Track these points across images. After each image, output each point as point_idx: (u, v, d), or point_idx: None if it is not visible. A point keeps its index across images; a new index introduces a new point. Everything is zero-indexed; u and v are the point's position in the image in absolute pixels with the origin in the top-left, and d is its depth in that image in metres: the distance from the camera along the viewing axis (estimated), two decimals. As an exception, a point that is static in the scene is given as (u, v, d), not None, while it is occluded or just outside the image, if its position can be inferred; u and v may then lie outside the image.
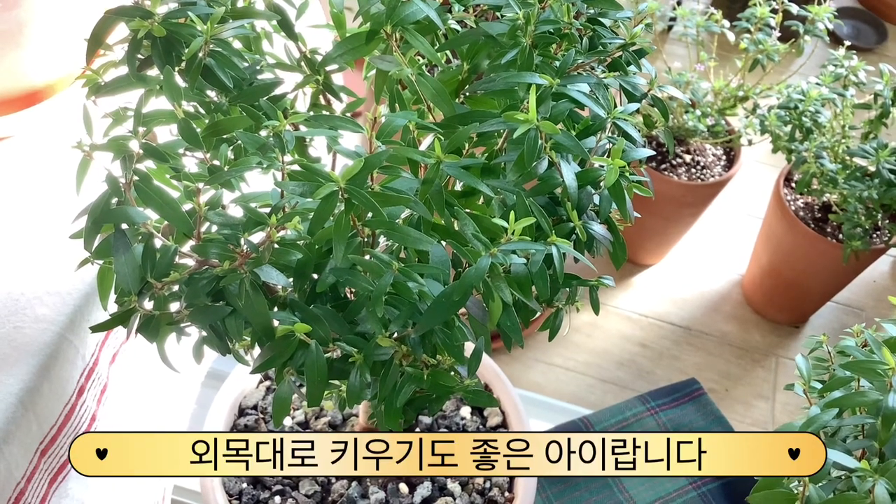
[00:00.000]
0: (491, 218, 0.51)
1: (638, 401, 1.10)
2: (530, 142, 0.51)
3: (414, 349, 0.50)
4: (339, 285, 0.52)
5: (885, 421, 0.50)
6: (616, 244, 0.58)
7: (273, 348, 0.50)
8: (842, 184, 1.39)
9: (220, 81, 0.53)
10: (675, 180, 1.50)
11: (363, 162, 0.47)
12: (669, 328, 1.61)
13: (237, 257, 0.48)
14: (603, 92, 0.55)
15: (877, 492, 0.48)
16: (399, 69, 0.58)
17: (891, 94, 1.40)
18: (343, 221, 0.49)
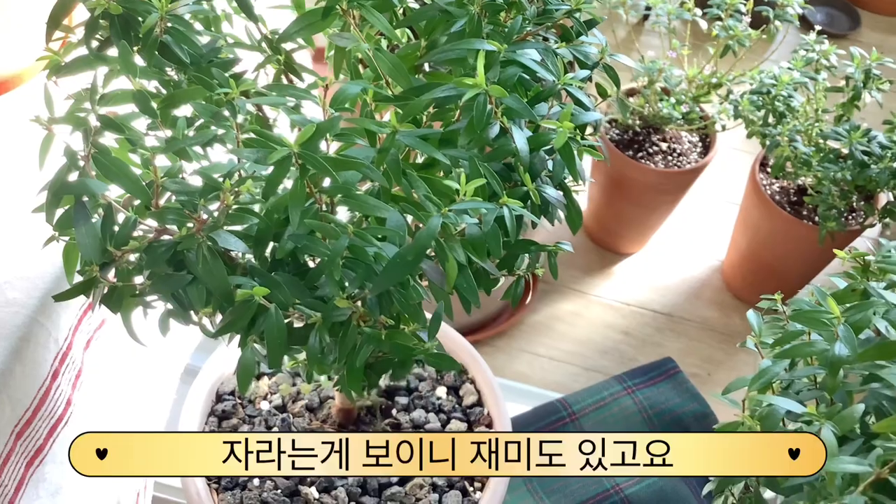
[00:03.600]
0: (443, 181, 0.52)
1: (615, 381, 1.11)
2: (479, 106, 0.52)
3: (371, 310, 0.51)
4: (298, 252, 0.54)
5: (831, 369, 0.52)
6: (571, 208, 0.59)
7: (233, 313, 0.51)
8: (816, 166, 1.41)
9: (177, 57, 0.55)
10: (651, 168, 1.51)
11: (315, 127, 0.49)
12: (651, 315, 1.62)
13: (194, 223, 0.49)
14: (552, 58, 0.56)
15: (823, 434, 0.49)
16: (355, 44, 0.59)
17: (862, 76, 1.42)
18: (298, 187, 0.50)
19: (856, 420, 0.50)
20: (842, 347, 0.52)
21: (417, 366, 0.94)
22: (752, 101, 1.42)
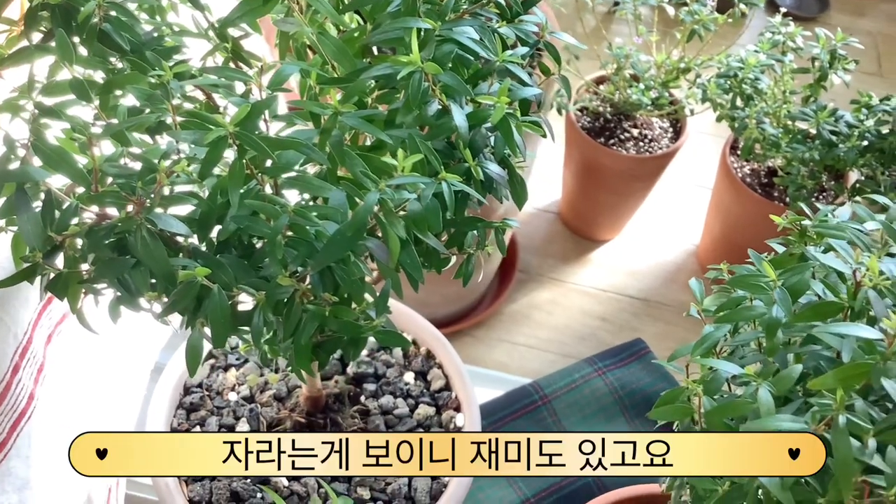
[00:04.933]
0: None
1: (585, 363, 1.11)
2: (415, 83, 0.53)
3: (314, 287, 0.52)
4: (241, 233, 0.54)
5: (768, 331, 0.52)
6: (515, 184, 0.60)
7: (176, 294, 0.51)
8: (784, 148, 1.42)
9: (117, 44, 0.55)
10: (623, 154, 1.52)
11: (250, 107, 0.49)
12: (628, 301, 1.63)
13: (133, 206, 0.49)
14: (489, 36, 0.57)
15: (759, 394, 0.50)
16: (299, 29, 0.60)
17: (828, 57, 1.43)
18: (237, 168, 0.51)
19: (793, 380, 0.51)
20: (778, 310, 0.53)
21: (385, 352, 0.95)
22: (719, 84, 1.43)
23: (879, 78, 2.09)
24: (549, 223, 1.75)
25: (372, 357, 0.94)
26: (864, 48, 2.18)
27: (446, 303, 1.50)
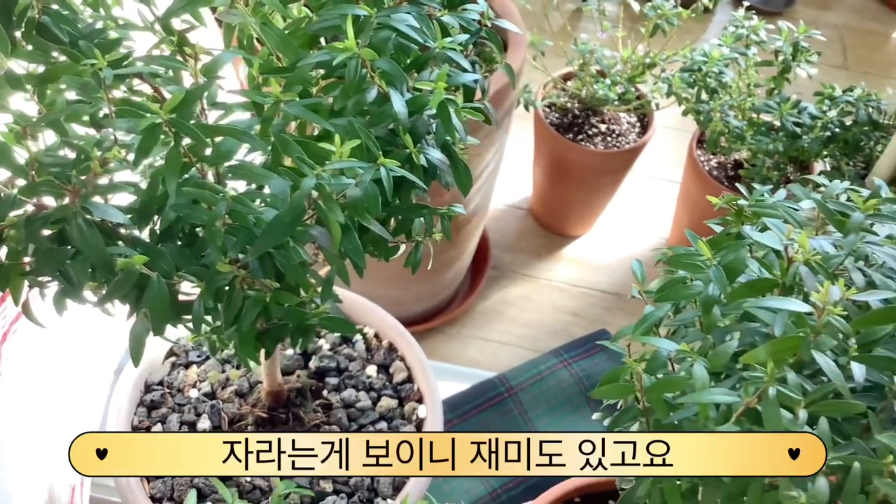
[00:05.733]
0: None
1: (551, 355, 1.12)
2: (351, 70, 0.53)
3: (254, 272, 0.52)
4: (182, 221, 0.54)
5: (704, 308, 0.53)
6: (458, 170, 0.60)
7: (115, 283, 0.51)
8: (749, 140, 1.44)
9: (56, 37, 0.55)
10: (592, 149, 1.53)
11: (184, 94, 0.49)
12: (600, 296, 1.64)
13: (69, 195, 0.49)
14: (426, 23, 0.57)
15: (695, 369, 0.50)
16: (243, 20, 0.60)
17: (790, 49, 1.45)
18: (173, 155, 0.51)
19: (728, 356, 0.52)
20: (714, 288, 0.53)
21: (348, 346, 0.95)
22: (683, 78, 1.44)
23: (845, 71, 2.11)
24: (520, 220, 1.76)
25: (334, 351, 0.94)
26: (830, 41, 2.21)
27: (418, 300, 1.50)
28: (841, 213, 0.56)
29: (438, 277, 1.45)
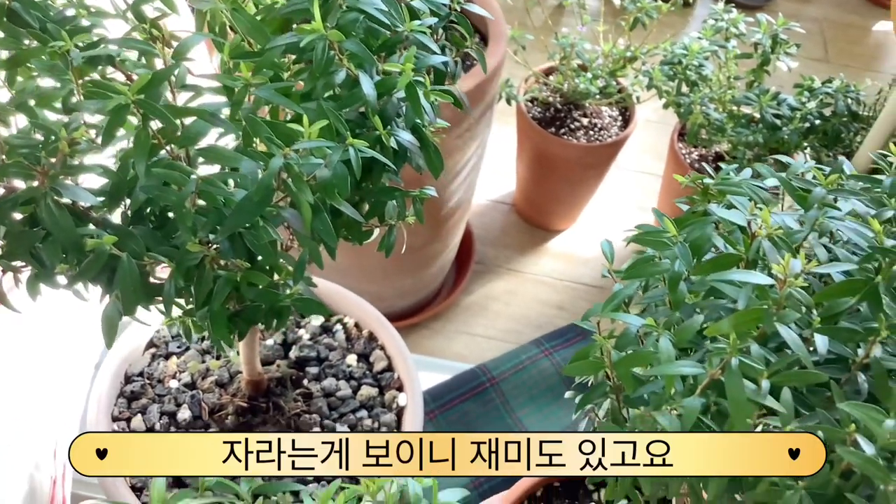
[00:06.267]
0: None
1: (532, 344, 1.12)
2: (319, 52, 0.54)
3: (224, 252, 0.52)
4: (152, 203, 0.55)
5: (671, 284, 0.54)
6: (429, 151, 0.61)
7: (85, 264, 0.51)
8: (729, 132, 1.45)
9: (26, 22, 0.55)
10: (574, 143, 1.54)
11: (151, 75, 0.50)
12: (584, 289, 1.65)
13: (38, 176, 0.50)
14: (395, 6, 0.58)
15: (660, 344, 0.51)
16: (213, 6, 0.61)
17: (769, 42, 1.46)
18: (142, 137, 0.51)
19: (694, 330, 0.52)
20: (680, 264, 0.54)
21: (328, 335, 0.96)
22: (664, 71, 1.45)
23: (826, 63, 2.13)
24: (504, 214, 1.76)
25: (314, 341, 0.95)
26: (811, 34, 2.22)
27: (402, 295, 1.51)
28: (803, 190, 0.57)
29: (422, 273, 1.45)
